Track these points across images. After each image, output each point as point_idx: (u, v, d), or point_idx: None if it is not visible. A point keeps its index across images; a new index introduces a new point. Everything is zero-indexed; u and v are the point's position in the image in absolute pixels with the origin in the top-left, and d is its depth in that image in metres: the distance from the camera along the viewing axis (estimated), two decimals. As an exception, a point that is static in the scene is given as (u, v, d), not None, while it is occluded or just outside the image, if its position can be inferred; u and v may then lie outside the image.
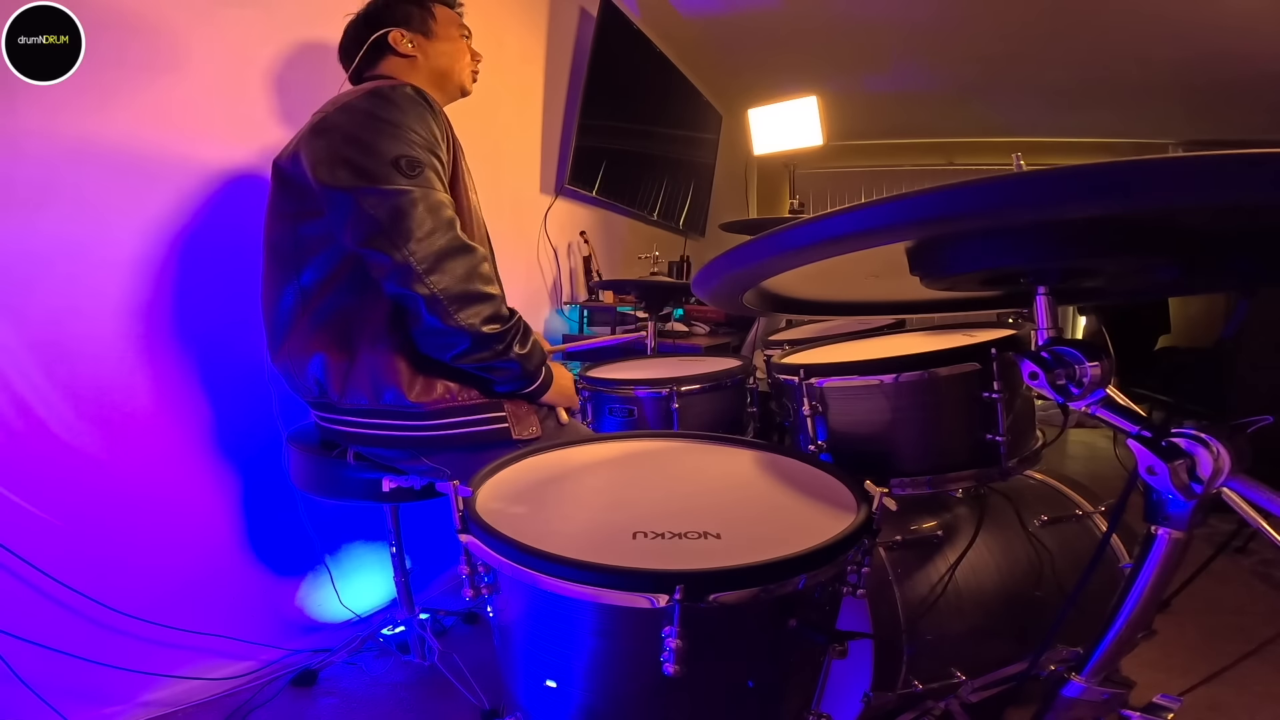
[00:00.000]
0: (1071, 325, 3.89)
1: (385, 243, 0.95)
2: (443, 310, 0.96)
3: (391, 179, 0.96)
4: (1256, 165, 0.36)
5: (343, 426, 1.10)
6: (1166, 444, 0.56)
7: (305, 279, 1.07)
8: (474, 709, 1.27)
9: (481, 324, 0.98)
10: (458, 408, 1.06)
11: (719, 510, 0.69)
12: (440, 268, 0.96)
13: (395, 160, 0.97)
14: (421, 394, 1.04)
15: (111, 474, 1.19)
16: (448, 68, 1.25)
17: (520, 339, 1.04)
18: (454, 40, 1.25)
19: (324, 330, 1.06)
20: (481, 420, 1.07)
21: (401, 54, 1.20)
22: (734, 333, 2.47)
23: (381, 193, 0.95)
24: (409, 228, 0.95)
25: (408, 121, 1.01)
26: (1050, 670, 0.71)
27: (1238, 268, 0.62)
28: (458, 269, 0.97)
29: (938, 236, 0.60)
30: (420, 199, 0.96)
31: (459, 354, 1.00)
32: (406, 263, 0.95)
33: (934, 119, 4.56)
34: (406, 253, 0.95)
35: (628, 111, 2.90)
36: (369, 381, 1.04)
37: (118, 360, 1.20)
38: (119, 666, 1.18)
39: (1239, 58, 3.21)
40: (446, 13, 1.25)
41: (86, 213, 1.14)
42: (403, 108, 1.01)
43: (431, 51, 1.22)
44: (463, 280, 0.97)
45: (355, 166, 0.97)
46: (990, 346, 0.92)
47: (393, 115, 1.00)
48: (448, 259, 0.97)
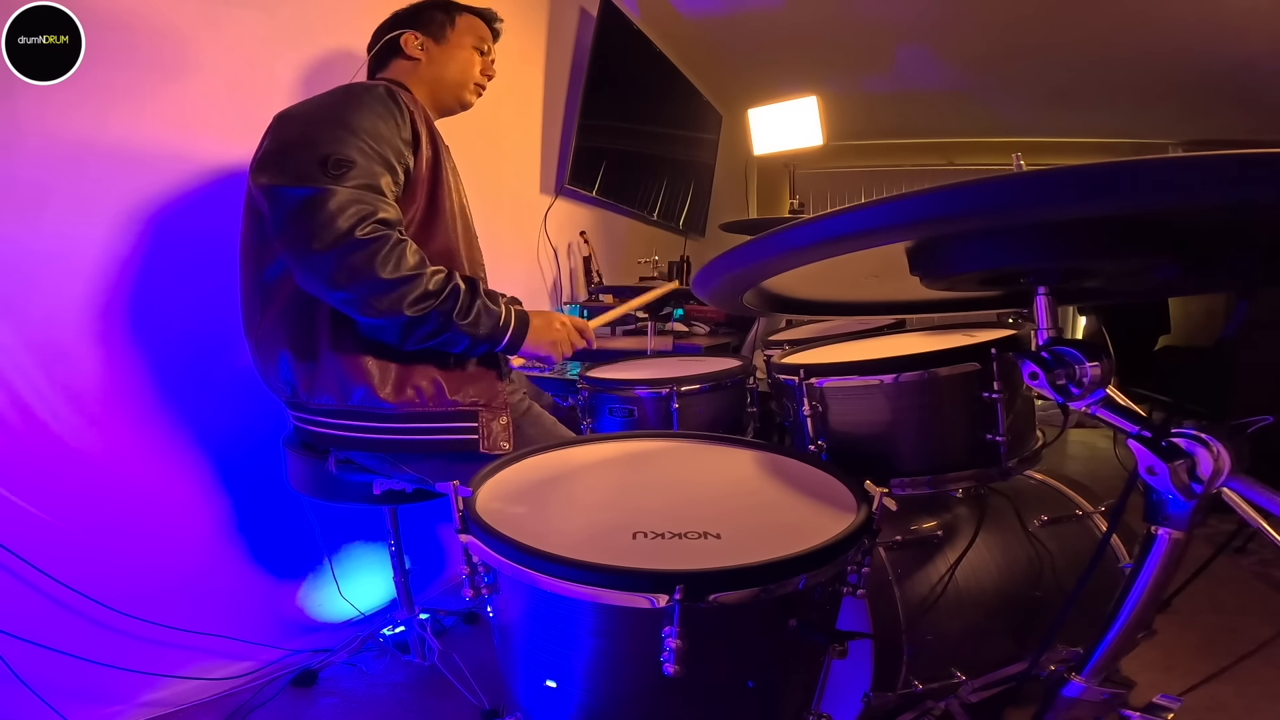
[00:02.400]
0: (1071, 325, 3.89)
1: (288, 242, 0.94)
2: (358, 305, 0.94)
3: (311, 178, 0.93)
4: (1256, 165, 0.36)
5: (316, 427, 1.09)
6: (1166, 444, 0.56)
7: (266, 276, 1.06)
8: (474, 709, 1.27)
9: (407, 307, 0.95)
10: (427, 413, 1.05)
11: (719, 510, 0.69)
12: (342, 263, 0.92)
13: (323, 159, 0.94)
14: (392, 394, 1.03)
15: (111, 474, 1.19)
16: (448, 78, 1.23)
17: (461, 309, 1.00)
18: (464, 50, 1.23)
19: (287, 328, 1.05)
20: (450, 429, 1.05)
21: (408, 56, 1.20)
22: (734, 333, 2.47)
23: (294, 192, 0.93)
24: (313, 228, 0.91)
25: (362, 121, 0.98)
26: (1050, 670, 0.71)
27: (1238, 268, 0.62)
28: (360, 262, 0.92)
29: (938, 236, 0.60)
30: (330, 198, 0.92)
31: (398, 340, 0.99)
32: (308, 262, 0.93)
33: (934, 119, 4.56)
34: (309, 252, 0.92)
35: (628, 111, 2.90)
36: (335, 381, 1.03)
37: (118, 360, 1.20)
38: (119, 666, 1.18)
39: (1239, 57, 3.21)
40: (470, 23, 1.24)
41: (86, 213, 1.14)
42: (364, 106, 1.00)
43: (437, 58, 1.21)
44: (369, 272, 0.92)
45: (281, 165, 0.96)
46: (990, 346, 0.91)
47: (347, 114, 0.98)
48: (350, 253, 0.92)
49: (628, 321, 2.48)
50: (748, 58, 3.62)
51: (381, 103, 1.02)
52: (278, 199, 0.94)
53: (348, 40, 1.51)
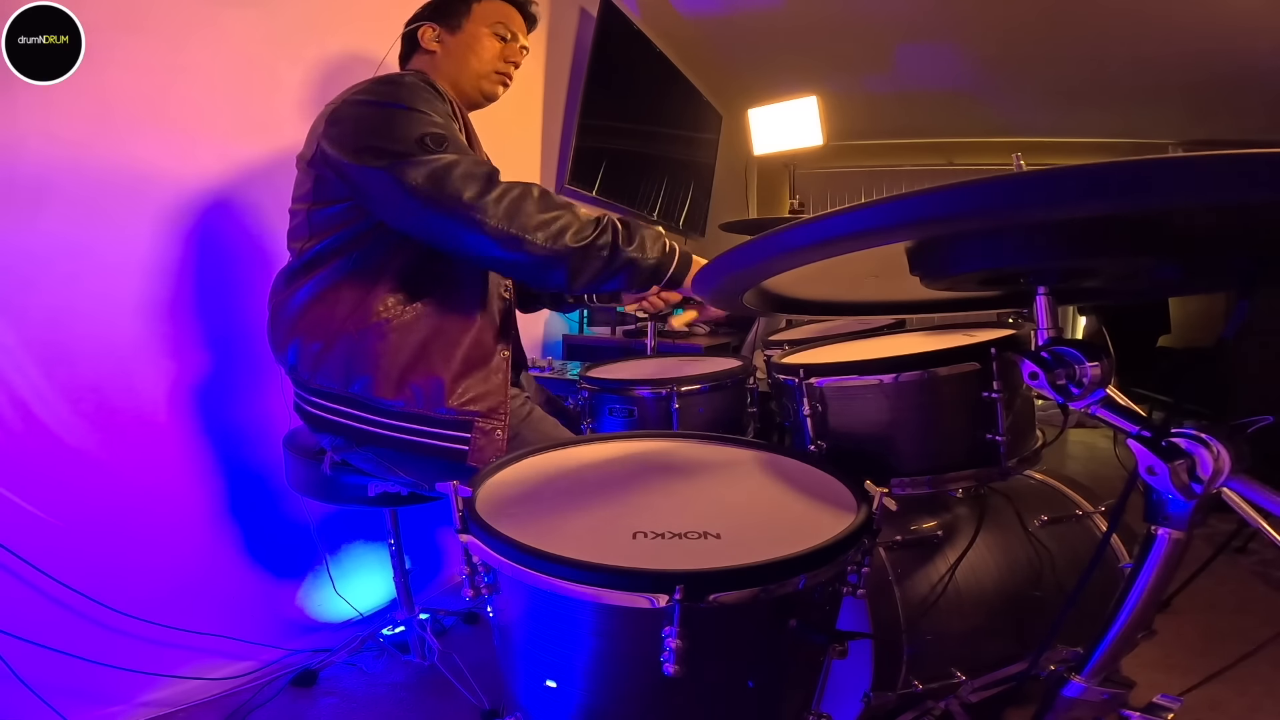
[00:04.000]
0: (1071, 325, 3.88)
1: (439, 206, 0.93)
2: (521, 245, 0.93)
3: (424, 153, 0.94)
4: (1256, 165, 0.36)
5: (314, 409, 1.09)
6: (1166, 444, 0.56)
7: (304, 258, 1.06)
8: (474, 709, 1.27)
9: (570, 239, 0.94)
10: (420, 415, 1.03)
11: (719, 510, 0.69)
12: (499, 208, 0.92)
13: (420, 139, 0.94)
14: (392, 390, 1.02)
15: (111, 474, 1.19)
16: (466, 69, 1.19)
17: (624, 237, 0.98)
18: (481, 38, 1.19)
19: (311, 303, 1.05)
20: (441, 435, 1.04)
21: (425, 50, 1.19)
22: (734, 333, 2.47)
23: (418, 163, 0.93)
24: (456, 188, 0.92)
25: (417, 104, 0.99)
26: (1050, 670, 0.71)
27: (1238, 268, 0.62)
28: (516, 203, 0.93)
29: (938, 236, 0.60)
30: (454, 164, 0.93)
31: (568, 280, 0.96)
32: (469, 216, 0.92)
33: (934, 119, 4.56)
34: (464, 206, 0.92)
35: (628, 111, 2.90)
36: (342, 366, 1.03)
37: (118, 360, 1.20)
38: (119, 666, 1.18)
39: (1239, 57, 3.21)
40: (490, 9, 1.19)
41: (86, 213, 1.14)
42: (409, 90, 1.00)
43: (453, 49, 1.18)
44: (528, 212, 0.93)
45: (381, 149, 0.95)
46: (990, 346, 0.92)
47: (400, 98, 0.99)
48: (502, 199, 0.93)
49: (628, 321, 2.48)
50: (748, 58, 3.62)
51: (419, 87, 1.02)
52: (403, 174, 0.93)
53: (348, 40, 1.52)
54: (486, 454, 1.04)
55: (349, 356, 1.03)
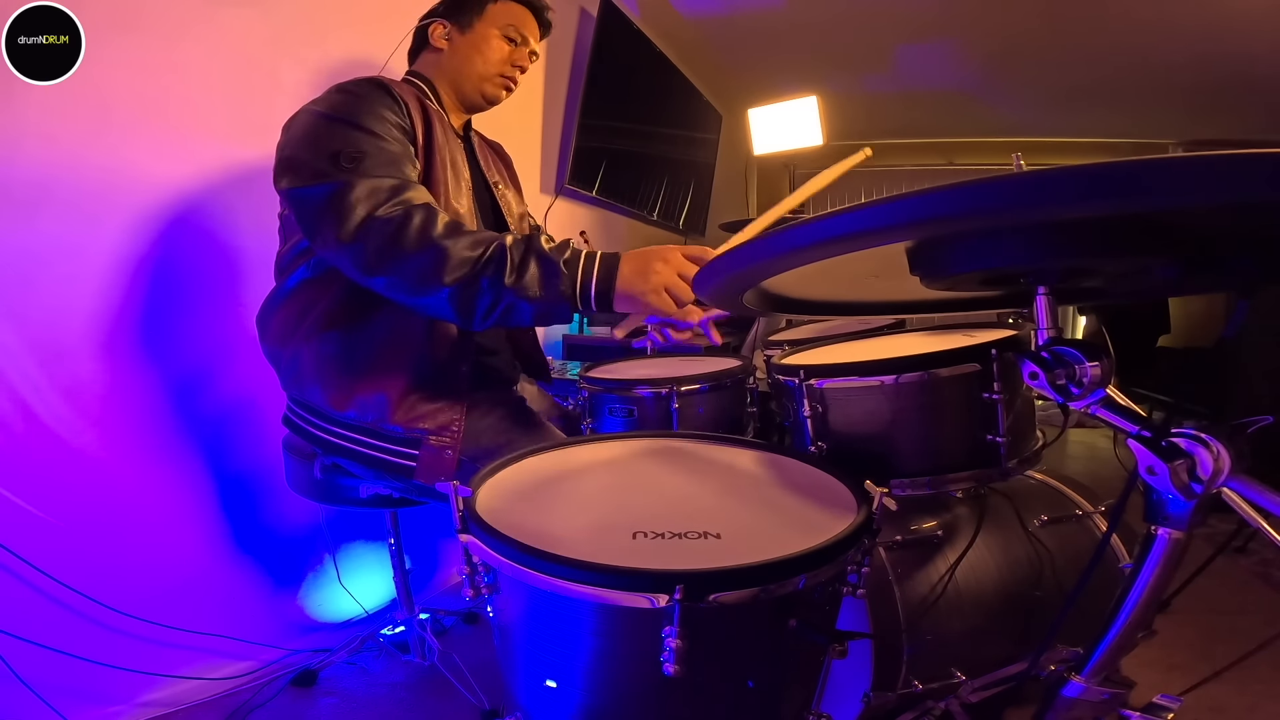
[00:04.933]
0: (1071, 325, 3.89)
1: (321, 240, 0.93)
2: (397, 287, 0.90)
3: (327, 175, 0.92)
4: (1256, 165, 0.36)
5: (292, 415, 1.12)
6: (1166, 444, 0.56)
7: (279, 263, 1.09)
8: (474, 709, 1.27)
9: (445, 278, 0.87)
10: (366, 427, 1.02)
11: (719, 510, 0.69)
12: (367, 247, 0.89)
13: (334, 155, 0.93)
14: (338, 402, 1.02)
15: (111, 474, 1.19)
16: (470, 69, 1.16)
17: (511, 269, 0.87)
18: (490, 40, 1.16)
19: (279, 312, 1.07)
20: (390, 450, 1.03)
21: (433, 48, 1.17)
22: (734, 333, 2.47)
23: (314, 191, 0.92)
24: (336, 220, 0.89)
25: (362, 113, 0.97)
26: (1050, 670, 0.71)
27: (1238, 268, 0.61)
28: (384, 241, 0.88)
29: (938, 236, 0.60)
30: (349, 190, 0.90)
31: (461, 320, 0.92)
32: (339, 255, 0.91)
33: (934, 119, 4.56)
34: (337, 244, 0.90)
35: (628, 111, 2.90)
36: (294, 375, 1.05)
37: (118, 360, 1.20)
38: (119, 666, 1.18)
39: (1239, 58, 3.21)
40: (504, 11, 1.16)
41: (86, 213, 1.14)
42: (357, 98, 0.99)
43: (460, 48, 1.16)
44: (394, 248, 0.88)
45: (296, 169, 0.95)
46: (990, 347, 0.91)
47: (343, 111, 0.98)
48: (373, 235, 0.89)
49: (628, 321, 2.48)
50: (748, 58, 3.62)
51: (373, 93, 1.01)
52: (301, 201, 0.95)
53: (349, 40, 1.51)
54: (436, 471, 1.01)
55: (306, 365, 1.04)
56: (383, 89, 1.03)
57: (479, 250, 0.88)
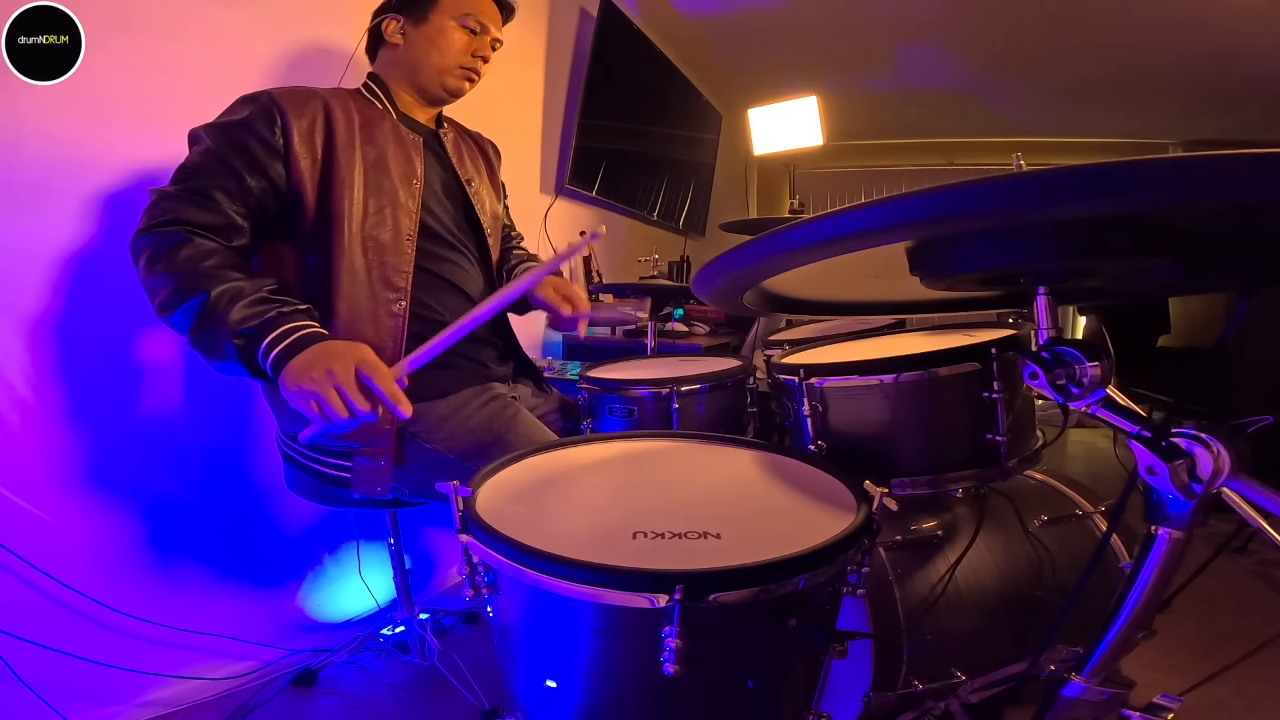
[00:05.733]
0: (1071, 325, 3.89)
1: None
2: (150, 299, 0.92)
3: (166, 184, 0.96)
4: (1257, 165, 0.36)
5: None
6: (1166, 444, 0.56)
7: None
8: (474, 709, 1.27)
9: (158, 308, 0.90)
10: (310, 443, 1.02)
11: (719, 510, 0.69)
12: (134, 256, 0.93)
13: (180, 169, 0.97)
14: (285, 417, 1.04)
15: (111, 474, 1.19)
16: (428, 62, 1.12)
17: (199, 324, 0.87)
18: (446, 31, 1.11)
19: None
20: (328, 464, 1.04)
21: (388, 43, 1.15)
22: (734, 333, 2.47)
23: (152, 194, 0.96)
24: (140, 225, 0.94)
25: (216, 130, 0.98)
26: (1050, 670, 0.71)
27: (1238, 268, 0.62)
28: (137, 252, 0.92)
29: (938, 236, 0.60)
30: (154, 198, 0.95)
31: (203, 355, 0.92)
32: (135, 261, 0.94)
33: (934, 119, 4.56)
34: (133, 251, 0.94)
35: (628, 111, 2.90)
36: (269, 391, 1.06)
37: (118, 360, 1.20)
38: (119, 666, 1.18)
39: (1239, 58, 3.21)
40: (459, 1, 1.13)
41: (86, 213, 1.14)
42: (226, 114, 1.01)
43: (416, 42, 1.12)
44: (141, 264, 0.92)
45: None
46: (990, 346, 0.91)
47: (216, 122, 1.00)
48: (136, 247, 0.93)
49: (627, 321, 2.47)
50: (748, 58, 3.62)
51: (242, 111, 0.99)
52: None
53: (348, 40, 1.51)
54: (372, 483, 1.01)
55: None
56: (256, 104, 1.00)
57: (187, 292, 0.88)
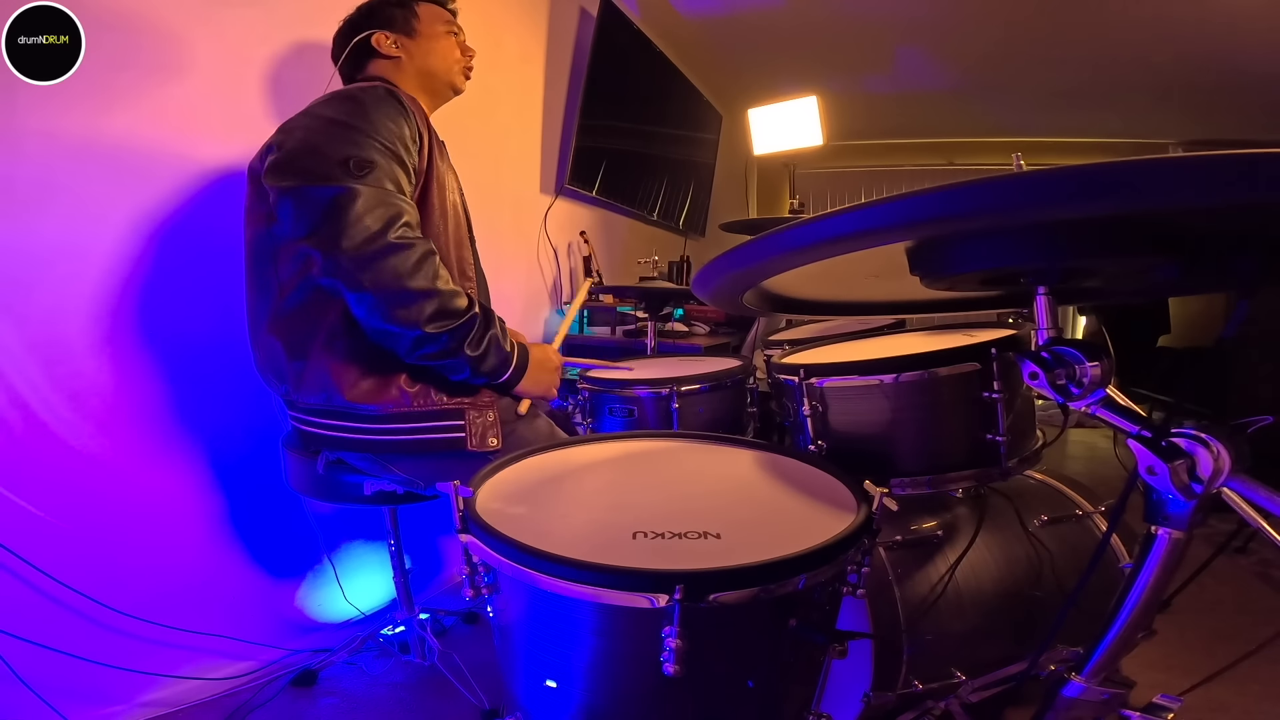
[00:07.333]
0: (1071, 325, 3.88)
1: (318, 240, 0.95)
2: (378, 309, 0.94)
3: (336, 178, 0.94)
4: (1257, 165, 0.36)
5: (306, 426, 1.10)
6: (1166, 444, 0.56)
7: (275, 276, 1.06)
8: (474, 709, 1.27)
9: (424, 323, 0.95)
10: (410, 413, 1.04)
11: (719, 510, 0.69)
12: (372, 265, 0.93)
13: (344, 160, 0.95)
14: (369, 396, 1.03)
15: (111, 474, 1.19)
16: (435, 67, 1.23)
17: (474, 340, 1.00)
18: (439, 38, 1.23)
19: (288, 327, 1.05)
20: (436, 428, 1.05)
21: (386, 56, 1.20)
22: (734, 333, 2.47)
23: (321, 190, 0.94)
24: (341, 226, 0.93)
25: (369, 123, 0.99)
26: (1050, 670, 0.71)
27: (1238, 268, 0.62)
28: (390, 267, 0.94)
29: (938, 236, 0.60)
30: (360, 196, 0.94)
31: (405, 351, 0.98)
32: (336, 260, 0.93)
33: (934, 119, 4.56)
34: (338, 250, 0.93)
35: (628, 111, 2.90)
36: (320, 381, 1.04)
37: (118, 360, 1.20)
38: (119, 666, 1.18)
39: (1238, 57, 3.21)
40: (432, 10, 1.23)
41: (86, 213, 1.14)
42: (368, 108, 1.01)
43: (416, 51, 1.21)
44: (396, 278, 0.94)
45: (300, 168, 0.97)
46: (990, 346, 0.92)
47: (354, 117, 0.99)
48: (381, 257, 0.93)
49: (627, 322, 2.48)
50: (748, 58, 3.62)
51: (386, 102, 1.03)
52: (304, 198, 0.95)
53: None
54: (485, 436, 1.06)
55: (332, 372, 1.03)
56: (392, 97, 1.04)
57: (456, 314, 0.98)
